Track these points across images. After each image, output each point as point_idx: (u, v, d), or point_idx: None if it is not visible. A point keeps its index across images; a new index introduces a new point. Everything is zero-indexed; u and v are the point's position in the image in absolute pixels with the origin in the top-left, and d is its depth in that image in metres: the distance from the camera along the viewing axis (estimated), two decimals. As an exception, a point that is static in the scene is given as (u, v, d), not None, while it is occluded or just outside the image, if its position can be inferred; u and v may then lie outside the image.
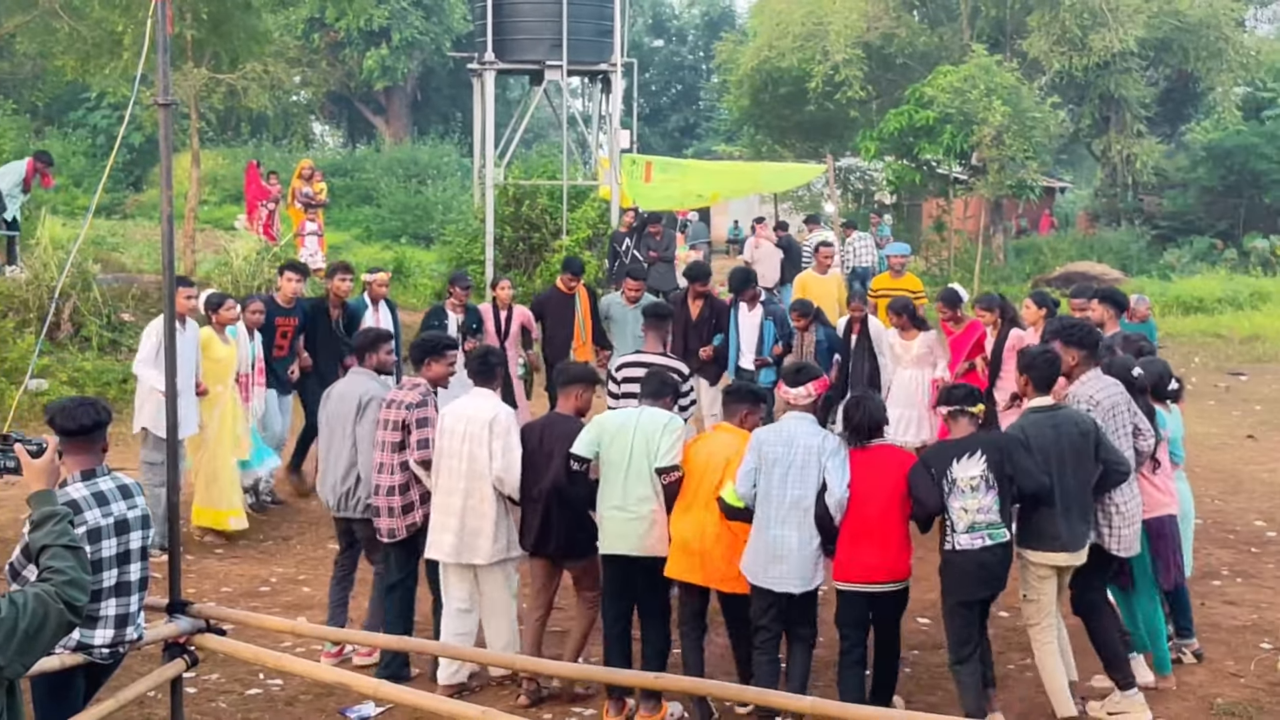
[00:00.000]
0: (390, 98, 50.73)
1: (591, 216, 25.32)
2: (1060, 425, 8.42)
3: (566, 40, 24.60)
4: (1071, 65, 35.10)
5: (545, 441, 8.90)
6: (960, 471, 8.15)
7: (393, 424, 9.06)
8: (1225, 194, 39.26)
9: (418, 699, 7.02)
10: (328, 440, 9.68)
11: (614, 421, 8.77)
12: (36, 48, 27.11)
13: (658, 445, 8.51)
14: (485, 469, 8.78)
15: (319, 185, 23.54)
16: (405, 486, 9.09)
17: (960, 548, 8.18)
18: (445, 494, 8.89)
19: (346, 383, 9.75)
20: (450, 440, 8.87)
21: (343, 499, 9.46)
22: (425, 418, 9.01)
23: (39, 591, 4.76)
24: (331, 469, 9.55)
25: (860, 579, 8.27)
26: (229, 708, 8.81)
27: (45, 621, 4.71)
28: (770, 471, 8.22)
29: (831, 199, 33.34)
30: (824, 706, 6.60)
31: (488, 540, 8.86)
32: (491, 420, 8.80)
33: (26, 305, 18.47)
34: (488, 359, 9.27)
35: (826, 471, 8.17)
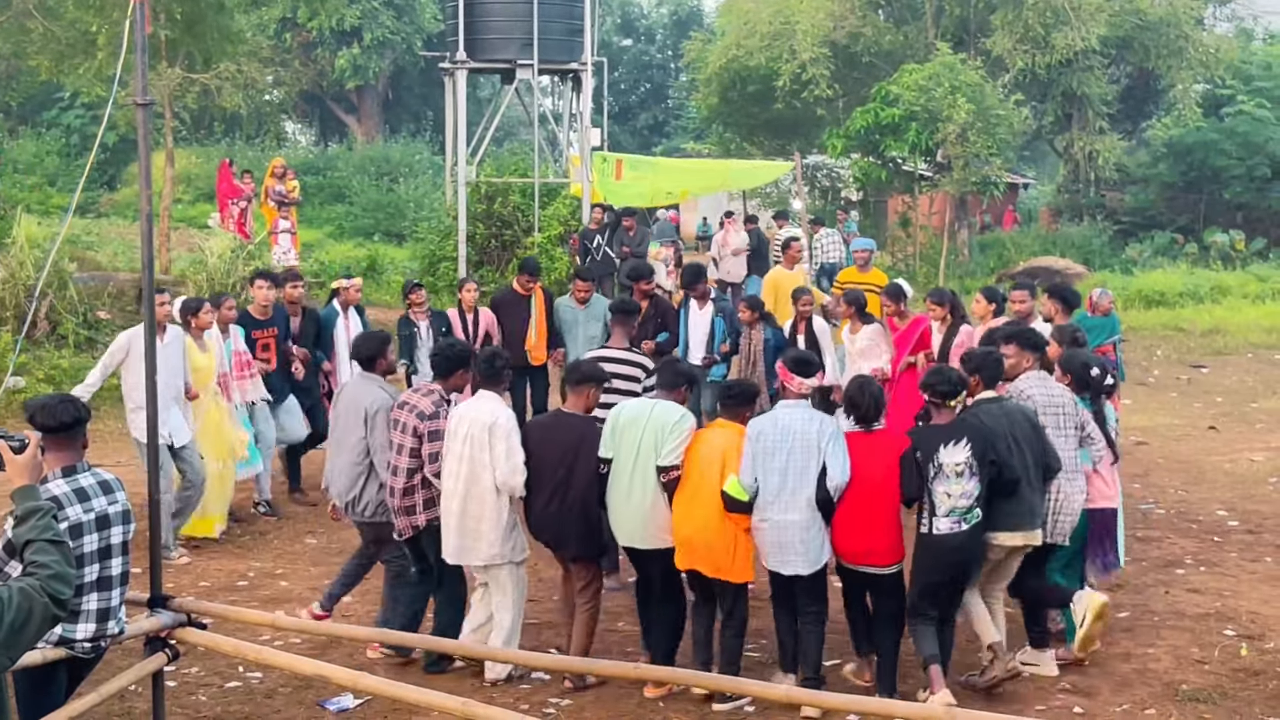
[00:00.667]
0: (362, 97, 50.82)
1: (563, 214, 25.61)
2: (1011, 414, 8.83)
3: (537, 39, 24.86)
4: (1034, 63, 35.42)
5: (551, 439, 9.05)
6: (946, 457, 8.47)
7: (404, 427, 9.11)
8: (1186, 190, 39.59)
9: (397, 690, 7.11)
10: (335, 444, 9.73)
11: (626, 414, 9.00)
12: (10, 48, 27.26)
13: (664, 442, 8.76)
14: (483, 472, 8.84)
15: (291, 183, 23.75)
16: (410, 489, 9.15)
17: (938, 531, 8.50)
18: (447, 496, 8.98)
19: (355, 389, 9.73)
20: (452, 442, 8.94)
21: (350, 505, 9.55)
22: (438, 430, 9.04)
23: (24, 586, 4.76)
24: (338, 474, 9.61)
25: (854, 561, 8.69)
26: (209, 700, 8.89)
27: (30, 616, 4.71)
28: (769, 461, 8.54)
29: (799, 196, 33.59)
30: (798, 695, 6.88)
31: (486, 542, 8.93)
32: (492, 425, 8.83)
33: (3, 304, 18.56)
34: (494, 361, 9.28)
35: (826, 456, 8.50)
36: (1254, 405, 20.15)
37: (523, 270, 15.52)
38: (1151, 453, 16.74)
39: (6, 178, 32.91)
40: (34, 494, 5.20)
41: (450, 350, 9.49)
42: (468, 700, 6.58)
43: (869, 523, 8.56)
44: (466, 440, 8.87)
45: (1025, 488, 8.71)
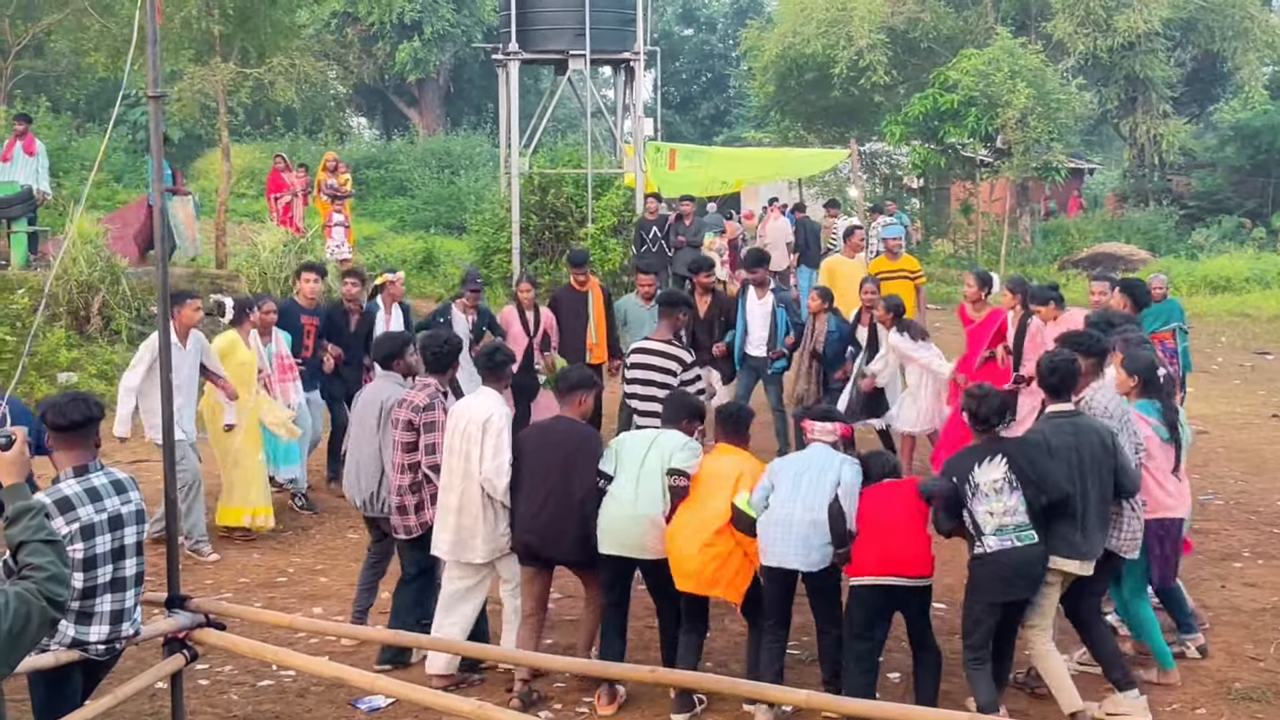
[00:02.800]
0: (423, 90, 50.94)
1: (616, 204, 25.51)
2: (1081, 432, 8.30)
3: (589, 30, 24.79)
4: (1096, 46, 35.11)
5: (549, 444, 8.91)
6: (982, 476, 8.09)
7: (403, 424, 9.12)
8: (1253, 173, 39.09)
9: (418, 694, 7.07)
10: (355, 442, 9.79)
11: (630, 442, 8.94)
12: (69, 45, 27.46)
13: (673, 454, 8.64)
14: (477, 468, 8.81)
15: (343, 177, 23.75)
16: (416, 485, 9.14)
17: (990, 550, 8.09)
18: (445, 491, 8.94)
19: (373, 388, 9.84)
20: (451, 438, 8.91)
21: (369, 500, 9.57)
22: (433, 421, 9.03)
23: (20, 590, 4.67)
24: (357, 471, 9.63)
25: (880, 572, 8.27)
26: (240, 699, 8.85)
27: (29, 620, 4.62)
28: (782, 481, 8.42)
29: (856, 184, 33.42)
30: (819, 700, 6.74)
31: (481, 539, 8.86)
32: (485, 421, 8.79)
33: (57, 299, 18.70)
34: (494, 356, 9.21)
35: (840, 498, 8.26)
36: (1320, 393, 19.83)
37: (571, 263, 15.33)
38: (1212, 441, 16.45)
39: (74, 174, 33.13)
40: (24, 493, 5.07)
41: (443, 345, 9.45)
42: (483, 703, 6.51)
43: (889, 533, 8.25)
44: (464, 436, 8.83)
45: (1081, 510, 8.22)
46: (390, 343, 9.94)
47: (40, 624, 4.69)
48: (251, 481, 12.41)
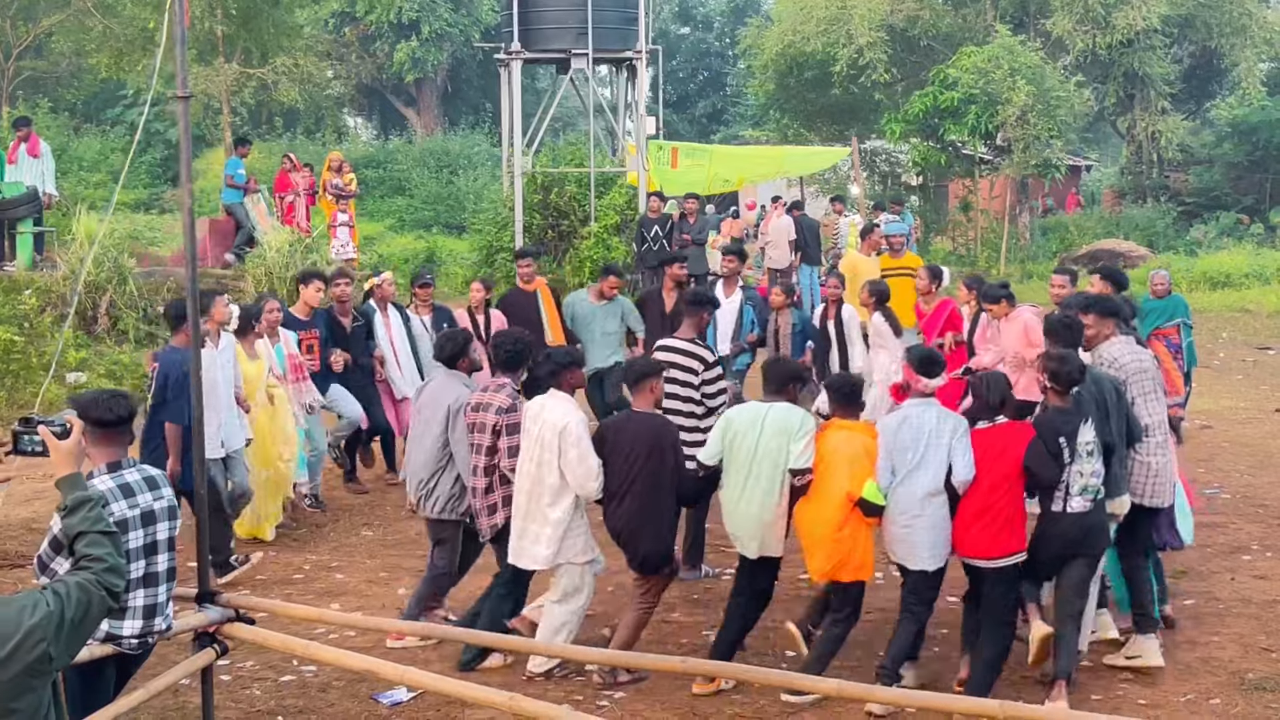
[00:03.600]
0: (421, 89, 50.97)
1: (619, 203, 25.56)
2: (1100, 382, 8.77)
3: (592, 29, 24.84)
4: (1095, 44, 35.19)
5: (623, 439, 8.89)
6: (1081, 438, 8.50)
7: (482, 426, 9.10)
8: (1251, 169, 39.18)
9: (445, 685, 7.02)
10: (414, 441, 9.73)
11: (742, 420, 8.82)
12: (71, 46, 27.55)
13: (789, 448, 8.60)
14: (548, 474, 8.76)
15: (348, 176, 23.81)
16: (490, 487, 9.16)
17: (1072, 510, 8.49)
18: (520, 495, 8.95)
19: (439, 386, 9.69)
20: (526, 443, 8.92)
21: (422, 499, 9.57)
22: (517, 423, 8.99)
23: (80, 580, 4.70)
24: (415, 469, 9.63)
25: (973, 554, 8.56)
26: (263, 694, 8.89)
27: (89, 610, 4.66)
28: (902, 459, 8.53)
29: (857, 181, 33.48)
30: (849, 690, 6.80)
31: (544, 544, 8.83)
32: (563, 429, 8.72)
33: (64, 300, 18.77)
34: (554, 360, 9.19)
35: (952, 453, 8.48)
36: (1322, 388, 19.89)
37: (516, 255, 15.43)
38: (1216, 436, 16.52)
39: (72, 175, 33.21)
40: (81, 483, 5.12)
41: (516, 343, 9.50)
42: (515, 694, 6.53)
43: (983, 514, 8.49)
44: (537, 441, 8.81)
45: (1116, 456, 8.74)
46: (454, 342, 9.85)
47: (99, 613, 4.75)
48: (268, 491, 12.31)
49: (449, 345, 9.84)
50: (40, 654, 4.43)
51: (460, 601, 10.71)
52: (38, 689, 4.49)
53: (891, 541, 8.66)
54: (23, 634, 4.40)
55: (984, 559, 8.51)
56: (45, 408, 10.41)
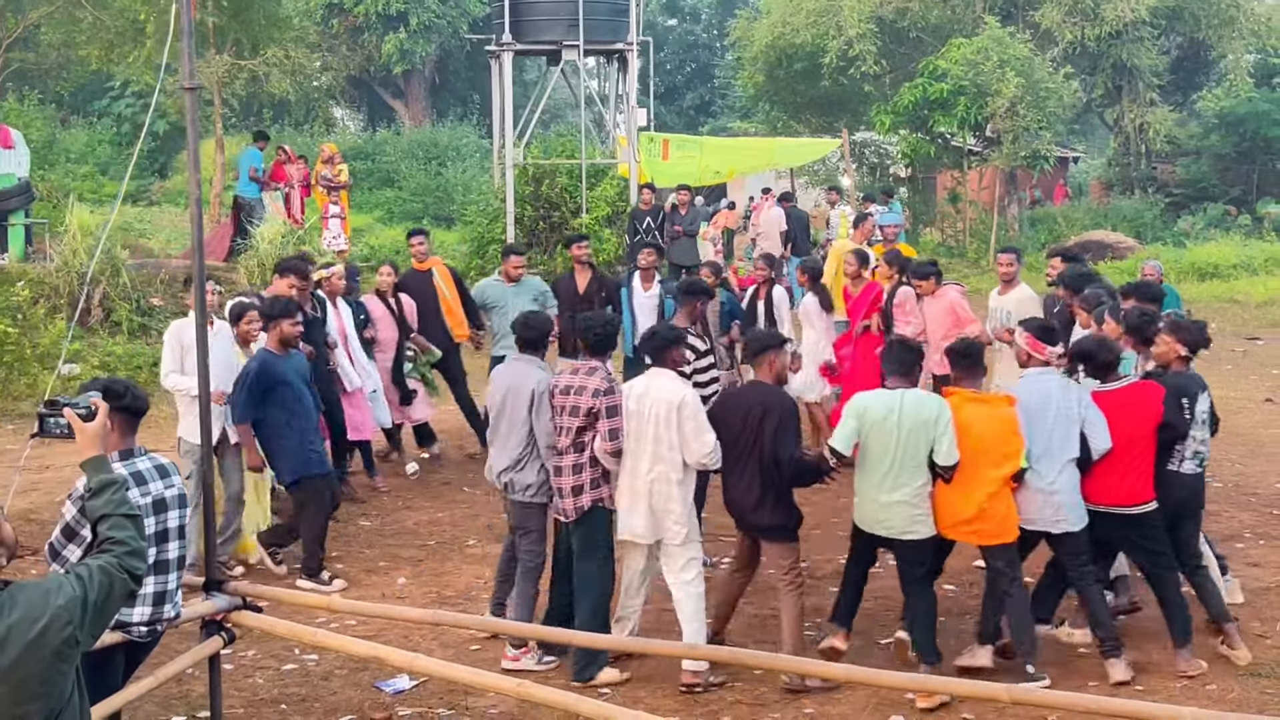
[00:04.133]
0: (409, 81, 50.89)
1: (610, 195, 25.58)
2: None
3: (583, 20, 24.85)
4: (1084, 35, 35.22)
5: (752, 413, 8.88)
6: (1199, 405, 9.14)
7: (573, 409, 8.96)
8: (1238, 160, 39.28)
9: (452, 671, 7.14)
10: (495, 428, 9.51)
11: (877, 410, 8.71)
12: (61, 38, 27.49)
13: (934, 442, 8.60)
14: (670, 451, 8.77)
15: (338, 168, 23.83)
16: (579, 466, 9.00)
17: (1185, 472, 9.12)
18: (630, 475, 8.90)
19: (517, 372, 9.47)
20: (635, 422, 8.87)
21: (511, 484, 9.36)
22: (616, 405, 8.89)
23: (103, 564, 4.69)
24: (500, 454, 9.42)
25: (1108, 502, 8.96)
26: (265, 683, 8.94)
27: (111, 592, 4.65)
28: (1041, 426, 8.76)
29: (847, 173, 33.54)
30: (859, 674, 6.88)
31: (674, 519, 8.84)
32: (679, 403, 8.75)
33: (57, 291, 18.77)
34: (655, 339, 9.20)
35: (1086, 425, 8.80)
36: (1310, 378, 19.97)
37: (409, 234, 15.25)
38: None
39: (60, 167, 33.16)
40: (106, 466, 5.09)
41: (606, 325, 9.42)
42: (524, 682, 6.60)
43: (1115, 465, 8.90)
44: (651, 419, 8.80)
45: None
46: (538, 327, 9.64)
47: (121, 596, 4.74)
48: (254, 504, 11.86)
49: (534, 329, 9.59)
50: (68, 636, 4.43)
51: (459, 591, 10.79)
52: (65, 672, 4.49)
53: (1036, 509, 8.82)
54: (50, 615, 4.41)
55: (1125, 506, 8.94)
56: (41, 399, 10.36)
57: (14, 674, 4.34)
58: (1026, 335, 9.16)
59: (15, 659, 4.34)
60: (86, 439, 5.13)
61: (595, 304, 14.53)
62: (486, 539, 12.17)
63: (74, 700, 4.59)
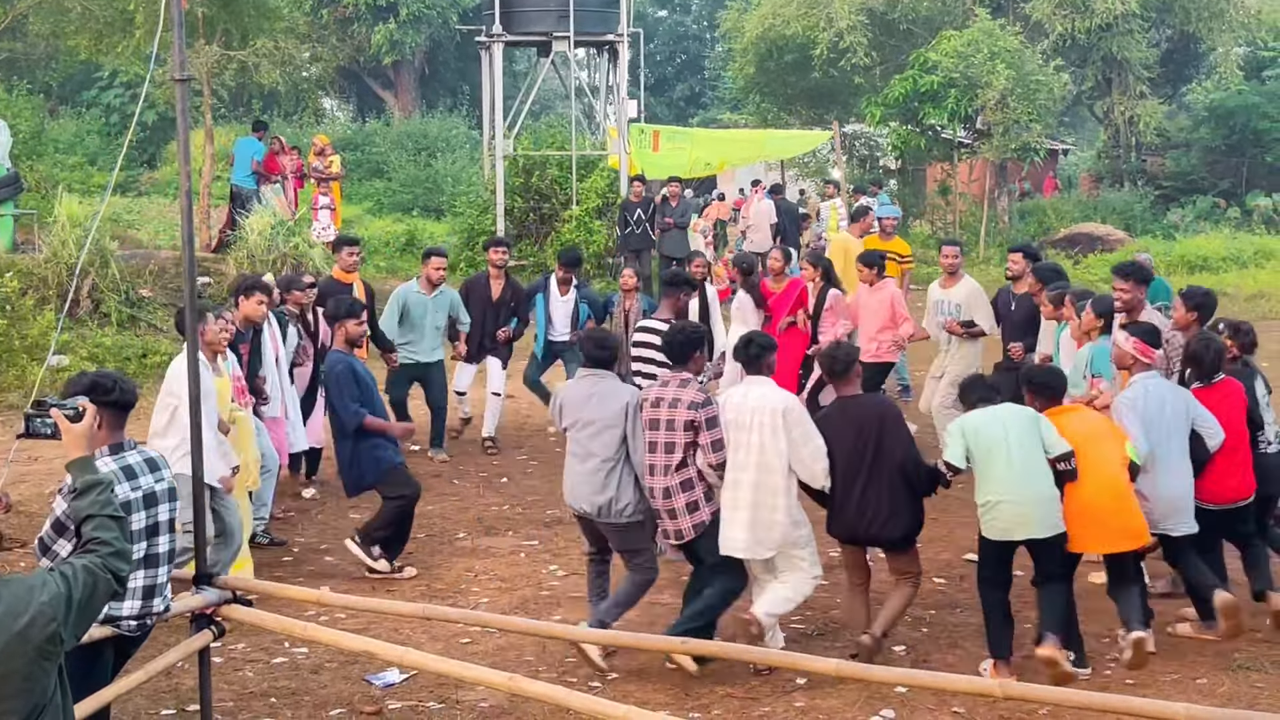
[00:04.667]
0: (399, 72, 50.80)
1: (601, 186, 25.58)
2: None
3: (573, 11, 24.83)
4: (1074, 28, 35.27)
5: (848, 424, 8.77)
6: (1260, 390, 9.59)
7: (671, 424, 8.69)
8: (1228, 153, 39.37)
9: (443, 665, 7.07)
10: (579, 447, 9.07)
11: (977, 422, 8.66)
12: (49, 28, 27.34)
13: (1041, 436, 8.54)
14: (777, 459, 8.59)
15: (329, 159, 23.79)
16: (688, 484, 8.74)
17: (1269, 451, 9.53)
18: (734, 487, 8.69)
19: (601, 387, 9.06)
20: (737, 433, 8.67)
21: (604, 508, 8.92)
22: (715, 416, 8.67)
23: (86, 563, 4.70)
24: (587, 478, 8.97)
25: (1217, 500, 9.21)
26: (255, 676, 8.91)
27: (95, 592, 4.64)
28: (1157, 429, 8.84)
29: (837, 165, 33.52)
30: (849, 669, 6.85)
31: (779, 530, 8.66)
32: (785, 410, 8.60)
33: (46, 282, 18.71)
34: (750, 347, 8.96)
35: (1199, 423, 8.97)
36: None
37: (338, 247, 14.58)
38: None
39: (48, 158, 33.06)
40: (91, 467, 5.12)
41: (690, 334, 9.18)
42: (515, 675, 6.57)
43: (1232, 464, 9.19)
44: (755, 429, 8.59)
45: None
46: (610, 346, 9.37)
47: (104, 596, 4.74)
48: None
49: (606, 348, 9.27)
50: (51, 633, 4.43)
51: (449, 584, 10.77)
52: (48, 670, 4.48)
53: (1164, 512, 8.95)
54: (34, 612, 4.40)
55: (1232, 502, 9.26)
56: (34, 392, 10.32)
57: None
58: (1133, 340, 9.21)
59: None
60: (73, 440, 5.17)
61: (505, 310, 14.74)
62: (476, 532, 12.17)
63: (56, 698, 4.56)
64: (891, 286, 14.39)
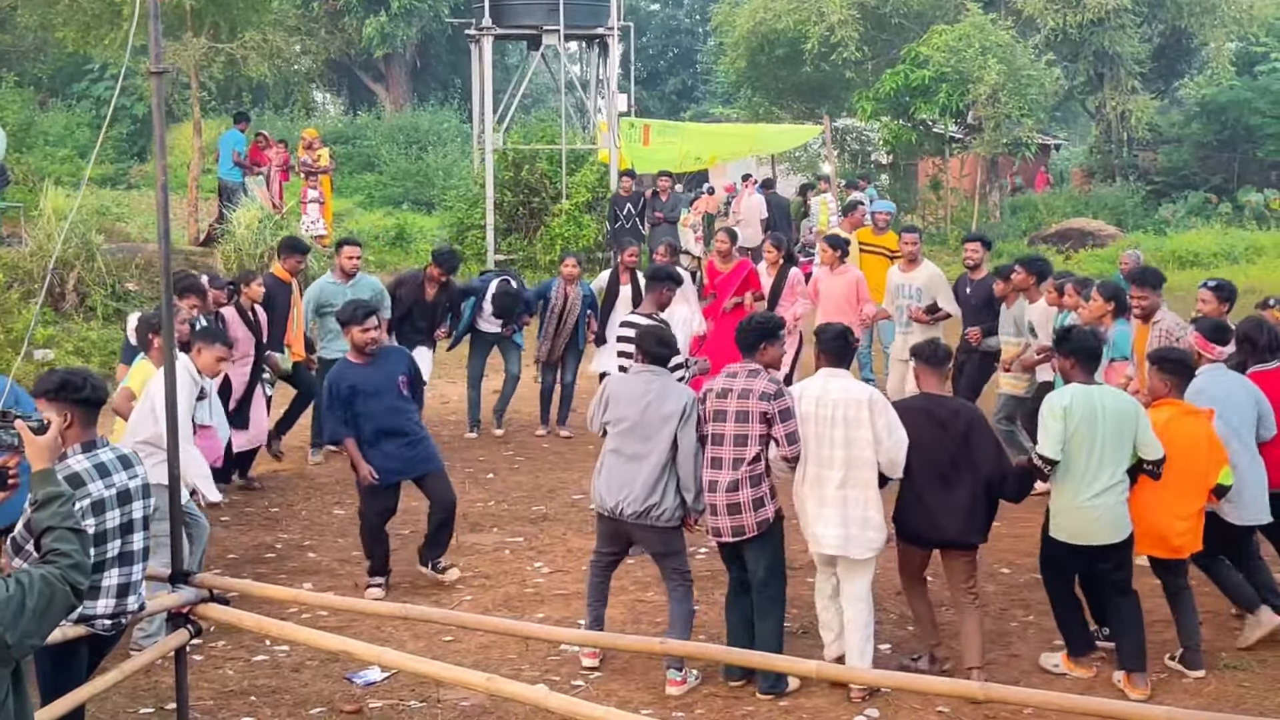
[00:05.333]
0: (390, 65, 50.67)
1: (590, 180, 25.53)
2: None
3: (563, 5, 24.75)
4: (1066, 22, 35.26)
5: (934, 423, 8.56)
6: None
7: (741, 415, 8.37)
8: (1219, 149, 39.37)
9: (422, 666, 7.05)
10: (627, 445, 8.71)
11: (1079, 407, 8.36)
12: (37, 20, 27.28)
13: (1138, 435, 8.39)
14: (865, 451, 8.38)
15: (318, 152, 23.73)
16: (757, 479, 8.42)
17: None
18: (816, 485, 8.47)
19: (655, 385, 8.72)
20: (818, 426, 8.42)
21: (648, 511, 8.59)
22: (789, 408, 8.38)
23: (44, 573, 4.72)
24: (635, 480, 8.61)
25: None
26: (236, 674, 8.88)
27: (52, 601, 4.68)
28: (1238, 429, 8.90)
29: (829, 160, 33.48)
30: (829, 670, 6.82)
31: (874, 528, 8.47)
32: (870, 400, 8.38)
33: (31, 276, 18.64)
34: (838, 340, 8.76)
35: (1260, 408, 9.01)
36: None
37: (290, 251, 14.27)
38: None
39: (38, 150, 32.98)
40: (53, 478, 5.14)
41: (768, 320, 9.01)
42: (493, 676, 6.53)
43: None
44: (840, 422, 8.37)
45: None
46: (669, 344, 9.05)
47: (61, 608, 4.76)
48: None
49: (665, 344, 8.97)
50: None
51: (432, 581, 10.70)
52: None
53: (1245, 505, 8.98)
54: None
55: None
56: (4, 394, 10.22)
57: None
58: (1197, 335, 9.35)
59: None
60: (36, 451, 5.19)
61: (439, 310, 14.77)
62: (460, 528, 12.08)
63: (8, 703, 4.59)
64: (854, 270, 14.96)
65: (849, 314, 14.06)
